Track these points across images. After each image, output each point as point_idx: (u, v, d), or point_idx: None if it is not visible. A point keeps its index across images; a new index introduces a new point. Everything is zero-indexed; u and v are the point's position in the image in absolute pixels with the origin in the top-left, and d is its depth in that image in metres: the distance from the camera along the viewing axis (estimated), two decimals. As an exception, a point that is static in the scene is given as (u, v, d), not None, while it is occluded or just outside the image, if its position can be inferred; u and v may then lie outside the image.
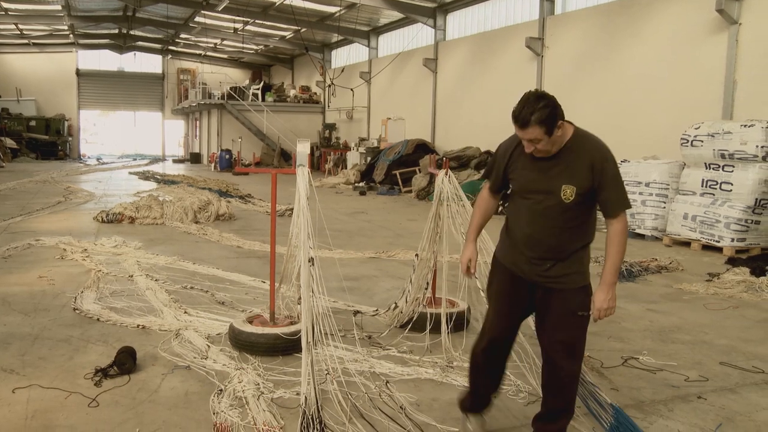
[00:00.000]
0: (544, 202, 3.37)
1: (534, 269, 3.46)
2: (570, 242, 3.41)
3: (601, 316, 3.35)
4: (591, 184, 3.29)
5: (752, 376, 4.92)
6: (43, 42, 38.85)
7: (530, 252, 3.46)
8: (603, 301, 3.33)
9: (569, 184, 3.29)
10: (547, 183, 3.35)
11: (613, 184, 3.30)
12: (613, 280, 3.34)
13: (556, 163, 3.34)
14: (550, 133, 3.23)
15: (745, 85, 12.04)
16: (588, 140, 3.36)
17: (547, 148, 3.29)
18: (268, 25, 30.62)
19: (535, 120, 3.19)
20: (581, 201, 3.32)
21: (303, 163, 4.86)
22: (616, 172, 3.32)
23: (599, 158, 3.29)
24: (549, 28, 17.53)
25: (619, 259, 3.35)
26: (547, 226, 3.39)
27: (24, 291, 6.90)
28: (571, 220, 3.37)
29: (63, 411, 3.97)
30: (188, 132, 43.41)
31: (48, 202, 15.34)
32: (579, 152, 3.31)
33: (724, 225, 10.16)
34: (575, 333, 3.46)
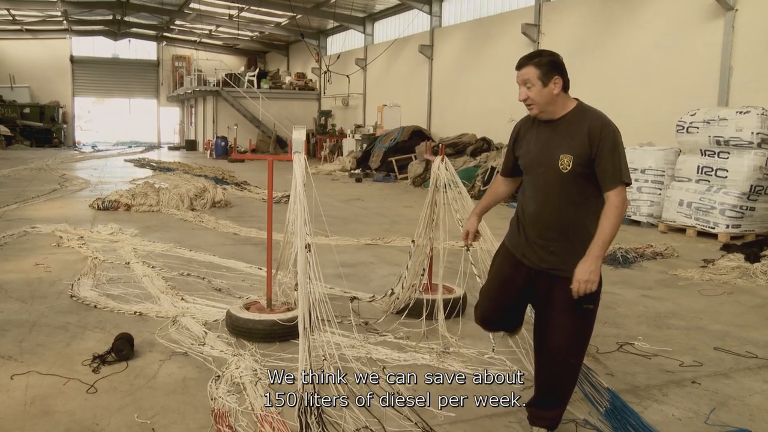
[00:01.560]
0: (545, 175, 3.31)
1: (537, 252, 3.38)
2: (574, 223, 3.29)
3: (580, 290, 3.15)
4: (588, 153, 3.18)
5: (746, 361, 4.96)
6: (36, 28, 38.60)
7: (533, 232, 3.39)
8: (583, 273, 3.13)
9: (567, 153, 3.22)
10: (547, 154, 3.30)
11: (609, 154, 3.16)
12: (598, 252, 3.15)
13: (557, 134, 3.30)
14: (543, 80, 3.22)
15: (741, 72, 12.04)
16: (589, 112, 3.30)
17: (538, 99, 3.26)
18: (263, 12, 30.49)
19: (530, 60, 3.26)
20: (581, 173, 3.22)
21: (299, 149, 4.86)
22: (615, 143, 3.18)
23: (597, 126, 3.20)
24: (545, 14, 17.49)
25: (609, 232, 3.15)
26: (548, 201, 3.32)
27: (20, 278, 6.90)
28: (574, 196, 3.26)
29: (61, 397, 3.98)
30: (184, 119, 43.28)
31: (43, 189, 15.30)
32: (579, 122, 3.25)
33: (720, 211, 10.20)
34: (579, 326, 3.34)
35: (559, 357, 3.39)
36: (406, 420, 3.70)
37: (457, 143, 19.07)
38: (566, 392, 3.50)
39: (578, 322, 3.34)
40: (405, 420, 3.71)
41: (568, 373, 3.44)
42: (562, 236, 3.32)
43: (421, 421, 3.69)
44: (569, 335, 3.35)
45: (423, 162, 18.63)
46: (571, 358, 3.40)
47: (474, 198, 12.99)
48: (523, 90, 3.28)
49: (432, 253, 5.74)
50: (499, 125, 18.35)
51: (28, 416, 3.73)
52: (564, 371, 3.43)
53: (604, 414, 3.78)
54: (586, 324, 3.37)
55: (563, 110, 3.30)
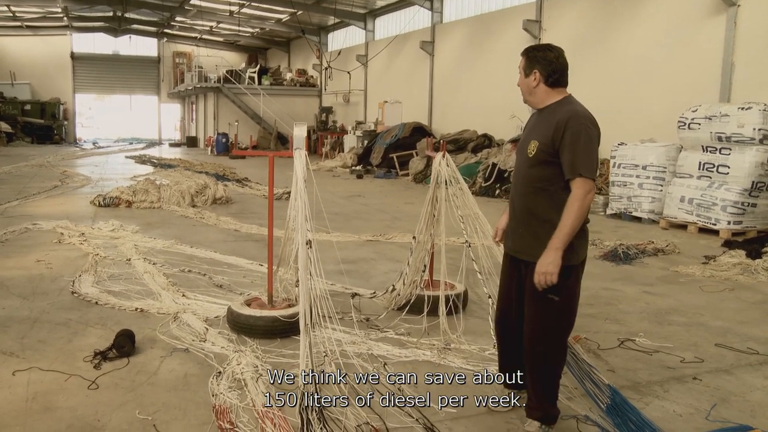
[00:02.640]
0: (519, 159, 3.53)
1: (511, 237, 3.58)
2: (538, 208, 3.38)
3: (540, 282, 3.23)
4: (551, 143, 3.29)
5: (747, 357, 4.96)
6: (36, 25, 38.58)
7: (510, 215, 3.61)
8: (541, 264, 3.22)
9: (535, 140, 3.39)
10: (524, 140, 3.50)
11: (569, 145, 3.23)
12: (557, 245, 3.20)
13: (537, 123, 3.48)
14: (525, 71, 3.47)
15: (743, 68, 12.01)
16: (568, 104, 3.39)
17: (521, 87, 3.53)
18: (264, 8, 30.45)
19: (525, 50, 3.54)
20: (544, 161, 3.33)
21: (300, 146, 4.85)
22: (576, 135, 3.23)
23: (565, 118, 3.28)
24: (546, 10, 17.45)
25: (569, 224, 3.20)
26: (518, 184, 3.52)
27: (22, 275, 6.91)
28: (536, 181, 3.38)
29: (63, 393, 3.99)
30: (184, 116, 43.26)
31: (44, 186, 15.30)
32: (555, 113, 3.37)
33: (721, 208, 10.19)
34: (543, 315, 3.40)
35: (526, 345, 3.50)
36: (407, 416, 3.70)
37: (458, 139, 19.05)
38: (541, 381, 3.51)
39: (542, 311, 3.39)
40: (406, 416, 3.71)
41: (537, 363, 3.49)
42: (527, 220, 3.45)
43: (423, 417, 3.69)
44: (534, 324, 3.44)
45: (424, 158, 18.62)
46: (537, 346, 3.45)
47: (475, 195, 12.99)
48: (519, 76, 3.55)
49: (433, 250, 5.74)
50: (501, 121, 18.34)
51: (29, 412, 3.73)
52: (532, 360, 3.50)
53: (605, 410, 3.78)
54: (550, 314, 3.39)
55: (548, 101, 3.46)
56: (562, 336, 3.52)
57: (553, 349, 3.48)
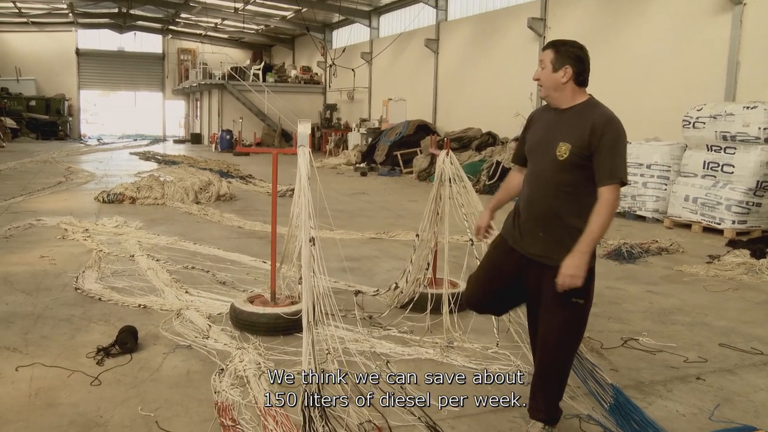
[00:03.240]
0: (542, 160, 3.37)
1: (526, 238, 3.43)
2: (564, 212, 3.30)
3: (565, 284, 3.17)
4: (588, 146, 3.21)
5: (751, 357, 4.94)
6: (42, 21, 38.61)
7: (525, 217, 3.45)
8: (568, 267, 3.16)
9: (566, 142, 3.26)
10: (548, 141, 3.35)
11: (608, 151, 3.19)
12: (585, 248, 3.16)
13: (561, 123, 3.35)
14: (554, 65, 3.32)
15: (749, 67, 11.97)
16: (598, 107, 3.33)
17: (545, 82, 3.36)
18: (268, 5, 30.43)
19: (553, 44, 3.39)
20: (577, 164, 3.24)
21: (304, 143, 4.85)
22: (615, 140, 3.20)
23: (601, 122, 3.22)
24: (551, 8, 17.41)
25: (598, 229, 3.18)
26: (541, 187, 3.37)
27: (26, 270, 6.92)
28: (565, 185, 3.29)
29: (66, 389, 3.99)
30: (189, 112, 43.28)
31: (49, 182, 15.33)
32: (585, 115, 3.29)
33: (725, 207, 10.15)
34: (567, 320, 3.33)
35: (546, 350, 3.43)
36: (410, 415, 3.70)
37: (462, 137, 19.03)
38: (554, 386, 3.49)
39: (566, 315, 3.33)
40: (408, 415, 3.70)
41: (555, 367, 3.45)
42: (551, 224, 3.34)
43: (425, 415, 3.68)
44: (557, 328, 3.36)
45: (428, 156, 18.60)
46: (558, 351, 3.41)
47: (479, 193, 12.97)
48: (538, 69, 3.39)
49: (436, 248, 5.73)
50: (505, 120, 18.29)
51: (32, 408, 3.74)
52: (551, 364, 3.45)
53: (608, 409, 3.77)
54: (574, 318, 3.35)
55: (573, 101, 3.36)
56: (580, 339, 3.50)
57: (571, 352, 3.47)
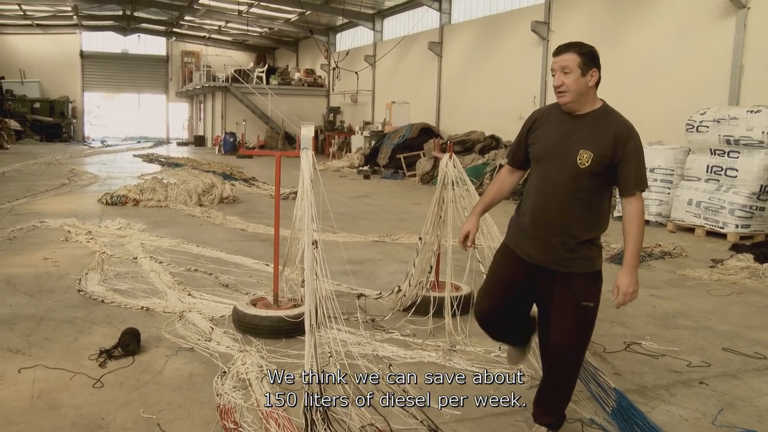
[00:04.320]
0: (558, 167, 3.26)
1: (538, 246, 3.33)
2: (577, 219, 3.26)
3: (626, 301, 3.23)
4: (611, 156, 3.17)
5: (754, 362, 4.93)
6: (46, 23, 38.75)
7: (535, 224, 3.34)
8: (627, 285, 3.19)
9: (587, 150, 3.18)
10: (566, 148, 3.24)
11: (634, 160, 3.19)
12: (635, 263, 3.22)
13: (579, 129, 3.25)
14: (582, 69, 3.20)
15: (752, 71, 11.95)
16: (616, 115, 3.29)
17: (574, 87, 3.20)
18: (272, 8, 30.50)
19: (573, 46, 3.24)
20: (596, 172, 3.19)
21: (307, 146, 4.85)
22: (638, 150, 3.20)
23: (624, 132, 3.19)
24: (555, 11, 17.41)
25: (641, 240, 3.22)
26: (555, 194, 3.27)
27: (29, 272, 6.93)
28: (582, 192, 3.23)
29: (68, 391, 4.00)
30: (192, 115, 43.38)
31: (52, 184, 15.35)
32: (605, 123, 3.23)
33: (729, 211, 10.13)
34: (578, 324, 3.33)
35: (557, 354, 3.41)
36: (412, 418, 3.70)
37: (465, 141, 19.03)
38: (564, 390, 3.48)
39: (577, 320, 3.32)
40: (410, 418, 3.70)
41: (566, 371, 3.44)
42: (564, 231, 3.28)
43: (427, 419, 3.67)
44: (568, 333, 3.34)
45: (431, 159, 18.60)
46: (569, 356, 3.40)
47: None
48: (559, 76, 3.24)
49: (439, 251, 5.73)
50: (508, 123, 18.27)
51: (35, 410, 3.74)
52: (562, 369, 3.43)
53: (611, 414, 3.77)
54: (585, 322, 3.35)
55: (591, 106, 3.29)
56: (588, 342, 3.50)
57: (581, 356, 3.48)
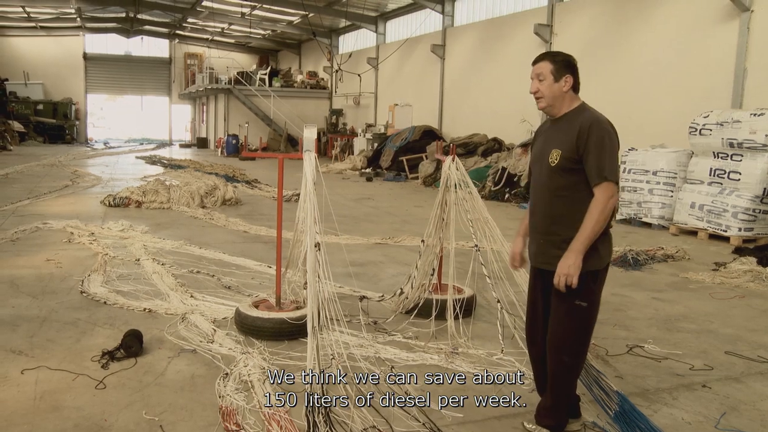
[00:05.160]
0: (540, 169, 3.48)
1: (536, 247, 3.52)
2: (559, 217, 3.38)
3: (560, 283, 3.26)
4: (576, 150, 3.29)
5: (757, 365, 4.92)
6: (50, 25, 38.84)
7: (532, 226, 3.56)
8: (562, 266, 3.25)
9: (556, 148, 3.36)
10: (543, 150, 3.46)
11: (594, 150, 3.25)
12: (578, 247, 3.24)
13: (554, 131, 3.45)
14: (555, 75, 3.36)
15: (756, 74, 11.94)
16: (587, 111, 3.39)
17: (547, 93, 3.38)
18: (275, 10, 30.52)
19: (547, 55, 3.43)
20: (568, 168, 3.32)
21: (310, 148, 4.86)
22: (601, 139, 3.26)
23: (586, 124, 3.30)
24: (558, 14, 17.42)
25: (591, 228, 3.24)
26: (540, 195, 3.47)
27: (32, 274, 6.94)
28: (560, 190, 3.36)
29: (70, 392, 4.00)
30: (195, 117, 43.43)
31: (55, 185, 15.38)
32: (573, 120, 3.37)
33: (732, 214, 10.12)
34: (571, 324, 3.39)
35: (552, 354, 3.46)
36: (414, 420, 3.69)
37: (468, 143, 19.02)
38: (561, 391, 3.51)
39: (570, 319, 3.38)
40: (413, 420, 3.70)
41: (560, 372, 3.47)
42: (549, 230, 3.43)
43: (429, 421, 3.67)
44: (561, 332, 3.41)
45: (434, 162, 18.60)
46: (563, 356, 3.43)
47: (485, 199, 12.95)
48: (534, 82, 3.43)
49: (442, 253, 5.72)
50: (511, 126, 18.30)
51: (37, 411, 3.75)
52: (556, 369, 3.47)
53: (613, 417, 3.76)
54: (578, 322, 3.39)
55: (567, 108, 3.44)
56: (586, 343, 3.51)
57: (576, 357, 3.48)
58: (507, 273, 5.32)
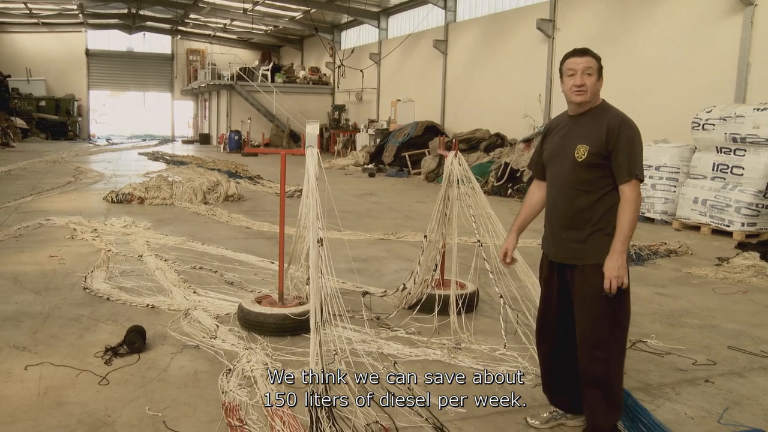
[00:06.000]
0: (562, 164, 3.45)
1: (554, 243, 3.50)
2: (583, 212, 3.37)
3: (612, 287, 3.22)
4: (605, 146, 3.31)
5: (760, 360, 4.91)
6: (52, 22, 38.83)
7: (550, 221, 3.54)
8: (611, 269, 3.23)
9: (584, 144, 3.36)
10: (566, 144, 3.44)
11: (625, 149, 3.30)
12: (620, 247, 3.25)
13: (578, 126, 3.44)
14: (599, 73, 3.43)
15: (759, 68, 11.90)
16: (611, 109, 3.45)
17: (591, 89, 3.38)
18: (277, 6, 30.48)
19: (589, 51, 3.47)
20: (595, 164, 3.33)
21: (312, 144, 4.85)
22: (631, 138, 3.33)
23: (616, 122, 3.33)
24: (560, 9, 17.37)
25: (628, 226, 3.26)
26: (562, 189, 3.45)
27: (35, 270, 6.95)
28: (585, 185, 3.37)
29: (74, 388, 4.01)
30: (197, 113, 43.42)
31: (58, 182, 15.40)
32: (600, 117, 3.39)
33: (735, 209, 10.10)
34: (600, 316, 3.30)
35: (584, 351, 3.38)
36: (417, 416, 3.70)
37: (470, 139, 19.01)
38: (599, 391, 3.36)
39: (599, 311, 3.32)
40: (416, 416, 3.70)
41: (598, 369, 3.35)
42: (572, 224, 3.42)
43: (432, 416, 3.68)
44: (591, 327, 3.35)
45: (436, 157, 18.59)
46: (597, 351, 3.33)
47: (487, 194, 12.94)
48: (582, 76, 3.40)
49: (444, 249, 5.72)
50: (513, 121, 18.27)
51: (41, 407, 3.76)
52: (592, 366, 3.36)
53: (616, 412, 3.75)
54: (607, 313, 3.30)
55: (591, 105, 3.46)
56: (620, 338, 3.38)
57: (613, 351, 3.35)
58: (509, 269, 5.31)
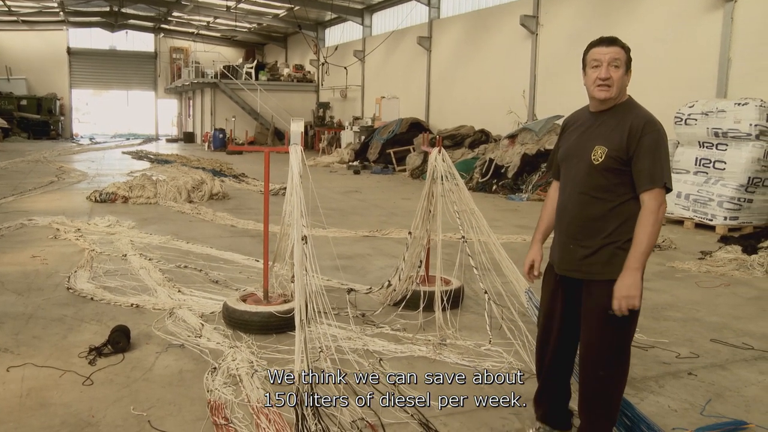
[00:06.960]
0: (577, 165, 3.14)
1: (561, 252, 3.22)
2: (593, 220, 3.07)
3: (622, 307, 2.93)
4: (625, 149, 2.98)
5: (742, 352, 4.97)
6: (32, 19, 38.42)
7: (560, 227, 3.24)
8: (622, 288, 2.92)
9: (602, 145, 3.04)
10: (583, 144, 3.14)
11: (648, 153, 2.95)
12: (635, 265, 2.92)
13: (598, 125, 3.13)
14: (627, 65, 3.12)
15: (740, 63, 12.02)
16: (637, 108, 3.11)
17: (618, 83, 3.07)
18: (261, 3, 30.38)
19: (618, 41, 3.14)
20: (613, 169, 3.01)
21: (296, 141, 4.85)
22: (657, 142, 2.96)
23: (639, 123, 3.00)
24: (543, 5, 17.42)
25: (646, 242, 2.91)
26: (574, 194, 3.14)
27: (17, 270, 6.89)
28: (600, 191, 3.05)
29: (57, 389, 3.98)
30: (181, 111, 43.19)
31: (41, 181, 15.26)
32: (623, 116, 3.07)
33: (717, 203, 10.19)
34: (604, 334, 3.08)
35: (586, 369, 3.20)
36: (403, 412, 3.70)
37: (455, 135, 19.05)
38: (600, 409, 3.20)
39: (603, 331, 3.09)
40: (401, 412, 3.70)
41: (599, 386, 3.17)
42: (582, 234, 3.12)
43: (418, 413, 3.68)
44: (594, 345, 3.14)
45: (421, 154, 18.61)
46: (599, 370, 3.13)
47: (472, 190, 12.98)
48: (608, 68, 3.09)
49: (429, 245, 5.73)
50: (498, 117, 18.33)
51: (24, 408, 3.72)
52: (593, 384, 3.19)
53: (601, 406, 3.76)
54: (612, 333, 3.08)
55: (615, 102, 3.14)
56: (624, 356, 3.18)
57: (616, 370, 3.16)
58: (494, 264, 5.33)
